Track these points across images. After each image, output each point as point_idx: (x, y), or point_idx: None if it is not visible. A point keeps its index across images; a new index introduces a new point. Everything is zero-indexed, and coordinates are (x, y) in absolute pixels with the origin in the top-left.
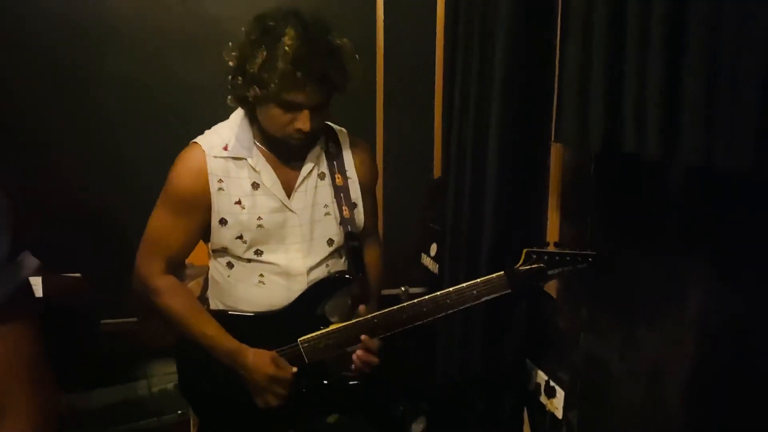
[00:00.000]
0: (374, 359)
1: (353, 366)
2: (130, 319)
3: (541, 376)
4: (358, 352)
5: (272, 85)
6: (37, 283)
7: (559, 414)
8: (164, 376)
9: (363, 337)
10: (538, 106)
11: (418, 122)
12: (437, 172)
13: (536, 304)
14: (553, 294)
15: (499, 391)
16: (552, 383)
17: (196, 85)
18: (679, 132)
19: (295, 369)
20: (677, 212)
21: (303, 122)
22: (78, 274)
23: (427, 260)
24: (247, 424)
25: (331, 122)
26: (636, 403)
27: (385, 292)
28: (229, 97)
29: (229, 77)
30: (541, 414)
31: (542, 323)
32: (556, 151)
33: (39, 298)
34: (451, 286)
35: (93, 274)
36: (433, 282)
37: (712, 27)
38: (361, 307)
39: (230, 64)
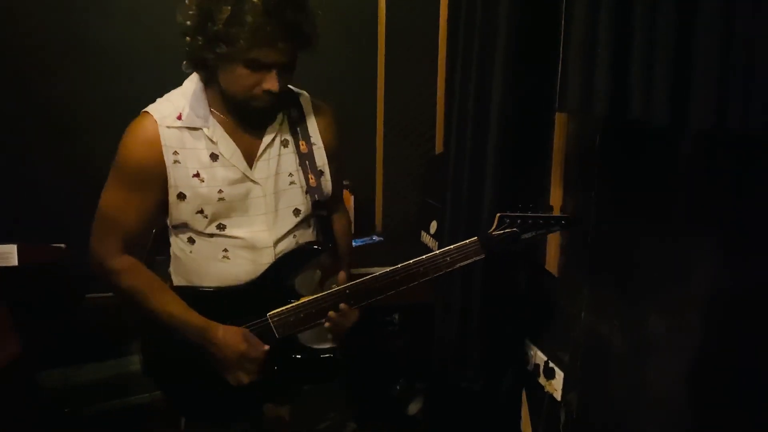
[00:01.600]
0: (346, 322)
1: (327, 328)
2: None
3: (540, 357)
4: (330, 313)
5: (240, 41)
6: (11, 251)
7: (558, 395)
8: None
9: (342, 305)
10: (542, 78)
11: (420, 97)
12: (439, 147)
13: (537, 283)
14: (555, 273)
15: (497, 372)
16: (551, 364)
17: (164, 55)
18: (689, 96)
19: (267, 347)
20: (683, 186)
21: (271, 82)
22: (62, 245)
23: (426, 238)
24: (219, 401)
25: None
26: (636, 384)
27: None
28: (185, 61)
29: (187, 38)
30: (540, 395)
31: (542, 302)
32: (559, 123)
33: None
34: None
35: (81, 247)
36: None
37: None
38: (341, 275)
39: (187, 23)
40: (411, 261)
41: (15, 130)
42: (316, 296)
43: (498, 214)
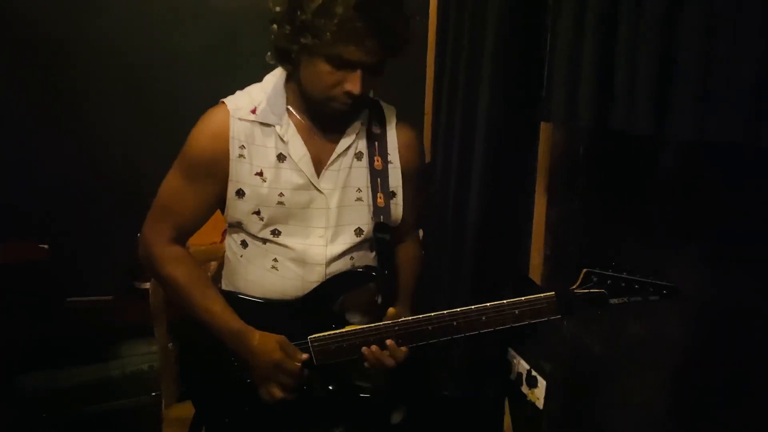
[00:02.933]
0: (390, 361)
1: (365, 364)
2: (104, 298)
3: (523, 366)
4: (373, 346)
5: (328, 34)
6: None
7: (540, 404)
8: (138, 357)
9: (389, 342)
10: (528, 90)
11: (408, 108)
12: (426, 157)
13: (520, 292)
14: (538, 281)
15: (480, 381)
16: (534, 373)
17: (179, 55)
18: (671, 106)
19: (305, 356)
20: (665, 194)
21: (353, 84)
22: (45, 246)
23: None
24: (248, 421)
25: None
26: (617, 393)
27: None
28: (269, 52)
29: (273, 26)
30: (522, 404)
31: None
32: (544, 133)
33: None
34: (434, 272)
35: (64, 250)
36: None
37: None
38: (391, 310)
39: (276, 9)
40: (473, 307)
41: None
42: (362, 327)
43: (584, 270)
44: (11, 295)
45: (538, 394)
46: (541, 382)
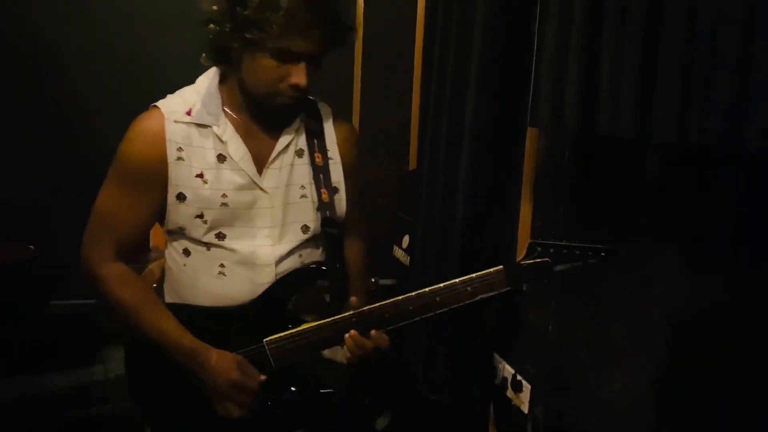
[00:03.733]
0: (369, 345)
1: (345, 351)
2: (87, 302)
3: (509, 370)
4: (352, 332)
5: (274, 26)
6: None
7: (525, 408)
8: (121, 362)
9: (373, 333)
10: (515, 95)
11: (395, 113)
12: (413, 163)
13: (505, 296)
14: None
15: (466, 385)
16: (519, 377)
17: (164, 58)
18: (653, 110)
19: (263, 377)
20: (650, 200)
21: (299, 76)
22: (31, 246)
23: (398, 252)
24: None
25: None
26: (602, 397)
27: None
28: (204, 54)
29: (210, 26)
30: (507, 408)
31: (511, 315)
32: (530, 139)
33: None
34: (421, 278)
35: (51, 252)
36: (404, 274)
37: (689, 7)
38: (353, 300)
39: (213, 8)
40: (426, 289)
41: None
42: (318, 323)
43: (529, 242)
44: None
45: (523, 399)
46: (526, 387)
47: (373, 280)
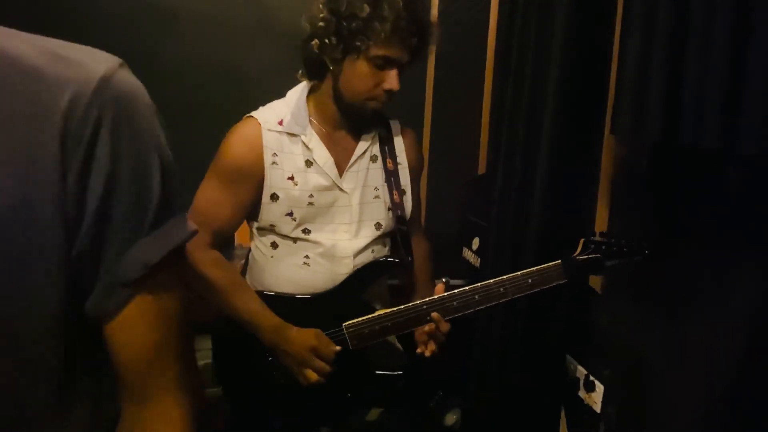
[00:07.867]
0: (441, 336)
1: (417, 341)
2: None
3: (581, 371)
4: (426, 326)
5: (381, 36)
6: None
7: (598, 408)
8: (209, 351)
9: (434, 314)
10: (592, 100)
11: (465, 119)
12: (481, 168)
13: (580, 299)
14: (598, 290)
15: (536, 386)
16: (591, 378)
17: (252, 73)
18: (740, 120)
19: (338, 348)
20: (729, 207)
21: (392, 81)
22: None
23: (468, 254)
24: (281, 415)
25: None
26: (674, 399)
27: None
28: (300, 71)
29: (314, 42)
30: (580, 408)
31: (584, 318)
32: (607, 146)
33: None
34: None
35: None
36: (474, 276)
37: None
38: (438, 286)
39: (319, 25)
40: (491, 281)
41: None
42: (392, 309)
43: (582, 239)
44: None
45: (596, 398)
46: (599, 387)
47: (444, 279)
